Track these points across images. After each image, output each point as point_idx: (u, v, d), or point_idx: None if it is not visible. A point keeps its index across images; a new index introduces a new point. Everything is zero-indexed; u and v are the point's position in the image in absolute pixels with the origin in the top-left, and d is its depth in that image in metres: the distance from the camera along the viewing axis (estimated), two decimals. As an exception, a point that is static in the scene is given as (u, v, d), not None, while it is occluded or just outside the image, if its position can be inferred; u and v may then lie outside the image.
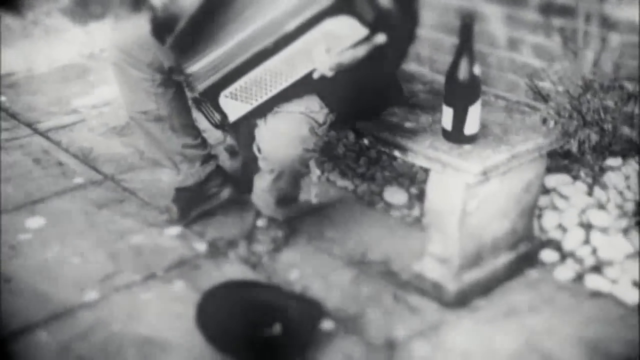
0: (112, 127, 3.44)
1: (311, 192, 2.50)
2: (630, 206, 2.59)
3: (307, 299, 2.24)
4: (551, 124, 2.20)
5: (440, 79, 3.33)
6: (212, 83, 2.26)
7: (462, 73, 2.15)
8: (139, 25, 2.42)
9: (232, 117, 2.29)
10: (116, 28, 4.04)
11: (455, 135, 2.21)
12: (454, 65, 2.17)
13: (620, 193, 2.66)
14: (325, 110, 2.28)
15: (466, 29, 2.13)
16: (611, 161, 2.76)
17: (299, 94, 2.27)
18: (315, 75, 2.17)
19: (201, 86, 2.27)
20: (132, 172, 3.07)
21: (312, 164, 2.37)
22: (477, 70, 2.16)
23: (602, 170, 2.74)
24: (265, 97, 2.24)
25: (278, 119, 2.24)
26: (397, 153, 2.30)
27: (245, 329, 2.11)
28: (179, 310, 2.27)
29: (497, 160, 2.15)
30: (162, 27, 2.31)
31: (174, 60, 2.36)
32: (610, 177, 2.70)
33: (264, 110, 2.27)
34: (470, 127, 2.20)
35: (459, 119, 2.19)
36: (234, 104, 2.28)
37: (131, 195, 2.90)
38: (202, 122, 2.54)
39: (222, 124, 2.29)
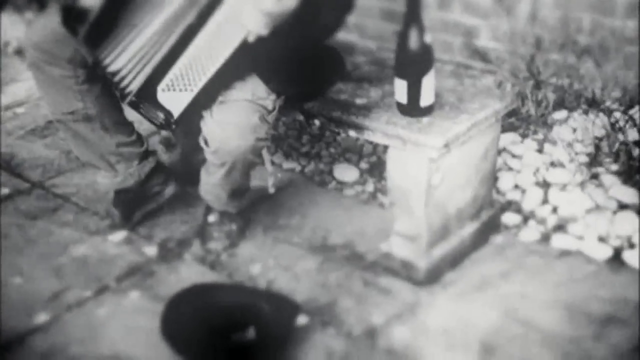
0: (31, 129, 3.21)
1: (268, 182, 2.37)
2: (582, 159, 2.58)
3: (278, 295, 2.14)
4: (508, 87, 2.14)
5: (373, 45, 3.25)
6: (145, 80, 2.09)
7: (413, 43, 2.05)
8: (53, 19, 2.23)
9: (176, 110, 2.12)
10: (30, 25, 3.77)
11: (412, 109, 2.12)
12: (403, 35, 2.06)
13: (570, 146, 2.64)
14: (273, 97, 2.15)
15: (414, -4, 2.03)
16: (557, 115, 2.74)
17: (241, 75, 2.12)
18: (251, 38, 1.99)
19: (133, 86, 2.10)
20: (62, 176, 2.87)
21: (264, 152, 2.24)
22: (428, 38, 2.06)
23: (548, 124, 2.72)
24: (205, 79, 2.07)
25: (225, 110, 2.10)
26: (352, 132, 2.20)
27: (216, 336, 1.98)
28: (140, 322, 2.13)
29: (458, 131, 2.08)
30: (73, 15, 2.12)
31: (90, 53, 2.17)
32: (558, 132, 2.68)
33: (208, 99, 2.12)
34: (426, 98, 2.11)
35: (414, 91, 2.09)
36: (174, 96, 2.11)
37: (65, 202, 2.71)
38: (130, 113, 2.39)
39: (168, 122, 2.13)
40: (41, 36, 2.26)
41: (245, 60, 2.09)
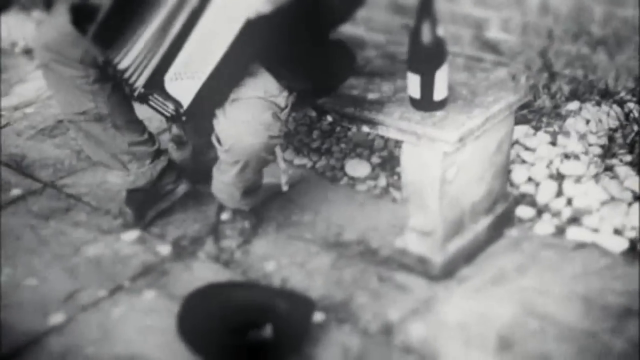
0: (40, 129, 3.20)
1: (281, 180, 2.36)
2: (596, 151, 2.56)
3: (293, 293, 2.13)
4: (522, 79, 2.12)
5: (381, 39, 3.23)
6: (152, 71, 2.07)
7: (426, 36, 2.03)
8: (62, 19, 2.22)
9: (185, 100, 2.08)
10: (39, 25, 3.76)
11: (425, 103, 2.11)
12: (416, 29, 2.04)
13: (584, 137, 2.62)
14: (285, 93, 2.14)
15: (426, -11, 2.01)
16: (569, 106, 2.72)
17: (252, 72, 2.11)
18: (253, 14, 1.95)
19: (142, 80, 2.09)
20: (73, 175, 2.86)
21: (278, 150, 2.23)
22: (441, 31, 2.04)
23: (561, 116, 2.70)
24: (212, 65, 2.03)
25: (238, 108, 2.09)
26: (366, 128, 2.18)
27: (233, 335, 1.98)
28: (156, 322, 2.12)
29: (472, 125, 2.06)
30: (83, 14, 2.11)
31: (100, 52, 2.16)
32: (571, 124, 2.66)
33: (219, 96, 2.10)
34: (440, 92, 2.09)
35: (427, 85, 2.08)
36: (183, 85, 2.07)
37: (77, 201, 2.70)
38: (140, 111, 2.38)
39: (178, 113, 2.10)
40: (51, 36, 2.25)
41: (255, 57, 2.07)
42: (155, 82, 2.08)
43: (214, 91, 2.09)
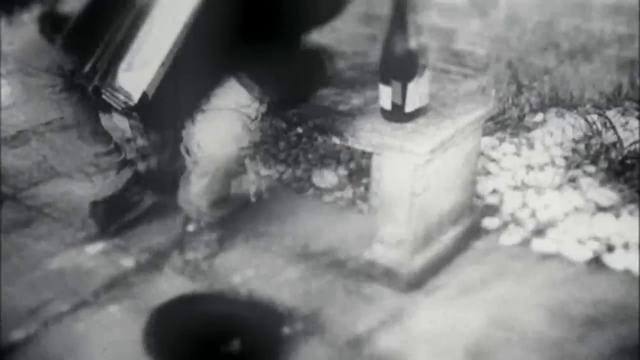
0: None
1: (250, 191, 2.35)
2: (560, 162, 2.59)
3: (262, 305, 2.11)
4: (492, 92, 2.14)
5: (348, 49, 3.24)
6: (107, 65, 2.04)
7: (398, 48, 2.03)
8: (30, 28, 2.19)
9: (136, 91, 2.04)
10: (5, 35, 3.70)
11: (396, 115, 2.10)
12: (388, 41, 2.04)
13: (548, 149, 2.65)
14: (256, 104, 2.12)
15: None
16: (535, 118, 2.75)
17: (223, 83, 2.09)
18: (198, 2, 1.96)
19: (98, 75, 2.06)
20: (35, 187, 2.80)
21: (247, 161, 2.22)
22: (413, 43, 2.05)
23: (526, 127, 2.73)
24: (161, 55, 2.01)
25: (208, 119, 2.07)
26: (335, 140, 2.17)
27: (201, 349, 1.95)
28: (121, 336, 2.08)
29: (443, 137, 2.07)
30: (51, 23, 2.08)
31: (69, 62, 2.13)
32: (536, 135, 2.69)
33: (189, 106, 2.08)
34: (411, 104, 2.10)
35: (399, 97, 2.08)
36: (134, 76, 2.04)
37: (39, 213, 2.64)
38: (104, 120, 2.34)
39: (128, 105, 2.05)
40: (17, 46, 2.23)
41: (227, 67, 2.06)
42: (109, 75, 2.05)
43: (175, 92, 2.05)
